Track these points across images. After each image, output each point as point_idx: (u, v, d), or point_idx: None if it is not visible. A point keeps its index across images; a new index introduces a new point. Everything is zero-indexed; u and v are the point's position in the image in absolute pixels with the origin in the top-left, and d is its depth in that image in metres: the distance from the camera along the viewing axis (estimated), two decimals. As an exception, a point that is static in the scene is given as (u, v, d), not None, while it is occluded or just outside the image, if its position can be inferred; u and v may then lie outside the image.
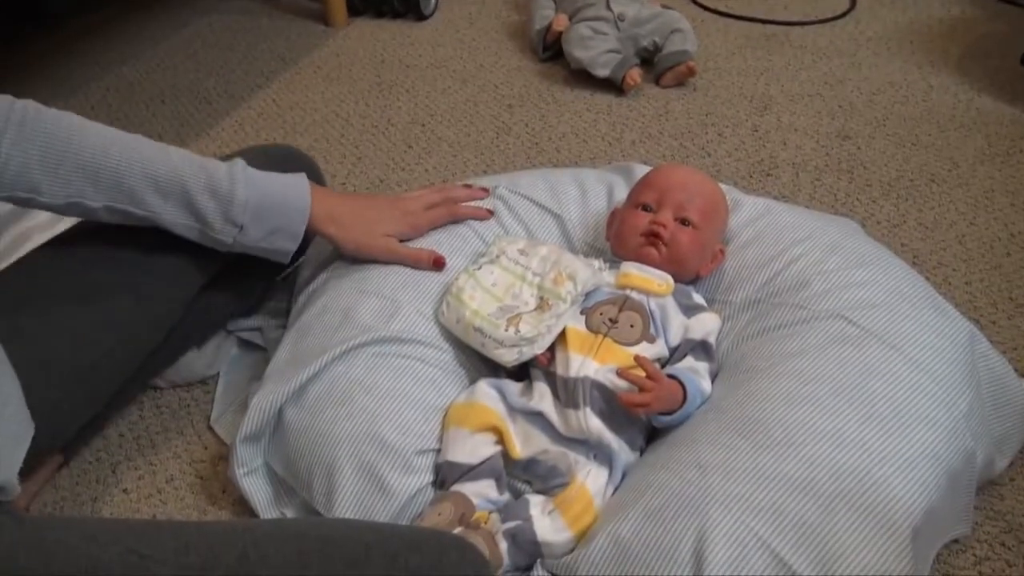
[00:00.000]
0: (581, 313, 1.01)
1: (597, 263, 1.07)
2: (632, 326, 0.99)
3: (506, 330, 1.00)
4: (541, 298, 1.02)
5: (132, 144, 0.93)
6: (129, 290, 0.97)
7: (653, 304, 1.02)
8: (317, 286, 1.15)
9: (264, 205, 0.97)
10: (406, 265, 1.10)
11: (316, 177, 1.17)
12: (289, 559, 0.65)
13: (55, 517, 1.00)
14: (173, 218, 0.95)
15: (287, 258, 1.04)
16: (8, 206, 1.45)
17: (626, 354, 0.97)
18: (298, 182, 1.01)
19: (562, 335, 1.00)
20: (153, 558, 0.65)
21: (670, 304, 1.02)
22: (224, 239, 0.97)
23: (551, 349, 1.00)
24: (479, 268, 1.08)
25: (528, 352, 0.99)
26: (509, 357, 1.00)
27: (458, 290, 1.06)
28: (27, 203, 0.91)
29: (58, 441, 1.00)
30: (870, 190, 1.54)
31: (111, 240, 0.99)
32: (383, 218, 1.09)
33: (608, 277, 1.04)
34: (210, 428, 1.14)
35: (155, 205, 0.93)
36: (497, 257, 1.08)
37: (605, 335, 0.98)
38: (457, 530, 0.85)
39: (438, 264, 1.08)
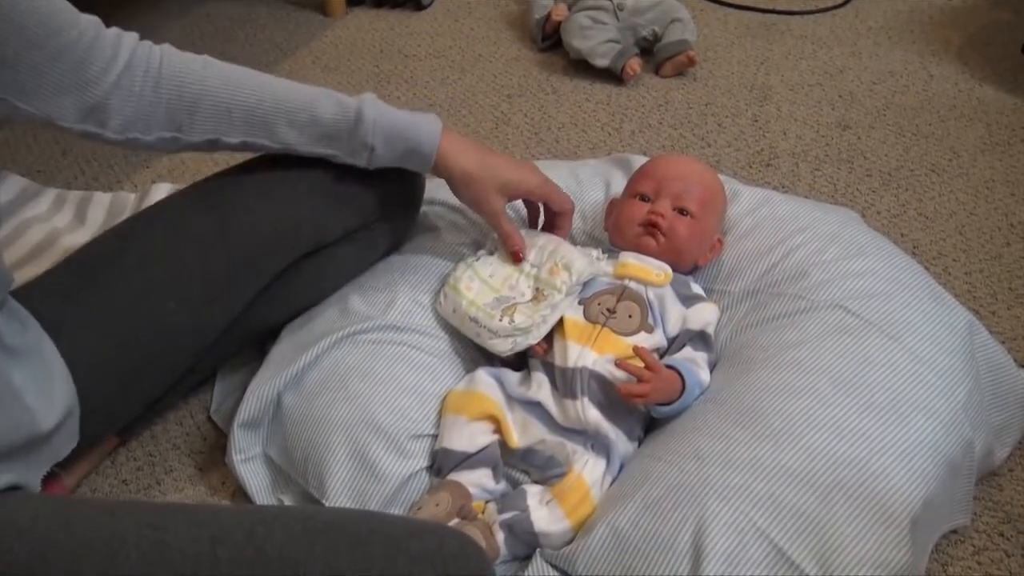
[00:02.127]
0: (579, 303, 1.01)
1: (595, 252, 1.06)
2: (630, 316, 0.99)
3: (501, 320, 1.00)
4: (537, 289, 1.02)
5: (261, 82, 0.96)
6: (179, 295, 0.96)
7: (651, 294, 1.01)
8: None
9: (394, 128, 0.98)
10: (499, 234, 1.06)
11: None
12: (294, 537, 0.67)
13: (74, 496, 1.03)
14: (308, 148, 0.98)
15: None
16: (9, 195, 1.46)
17: (624, 344, 0.97)
18: (429, 116, 1.02)
19: (560, 325, 1.00)
20: (167, 530, 0.68)
21: (668, 294, 1.02)
22: (359, 162, 1.00)
23: (548, 339, 1.00)
24: (477, 259, 1.08)
25: (522, 342, 0.99)
26: (503, 347, 1.00)
27: (455, 280, 1.06)
28: (173, 143, 0.94)
29: (98, 437, 1.02)
30: (870, 180, 1.54)
31: (168, 238, 0.98)
32: (502, 164, 1.05)
33: (606, 267, 1.04)
34: (209, 419, 1.14)
35: (289, 136, 0.96)
36: (496, 249, 1.08)
37: (603, 325, 0.98)
38: (454, 522, 0.85)
39: (517, 258, 1.05)
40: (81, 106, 0.86)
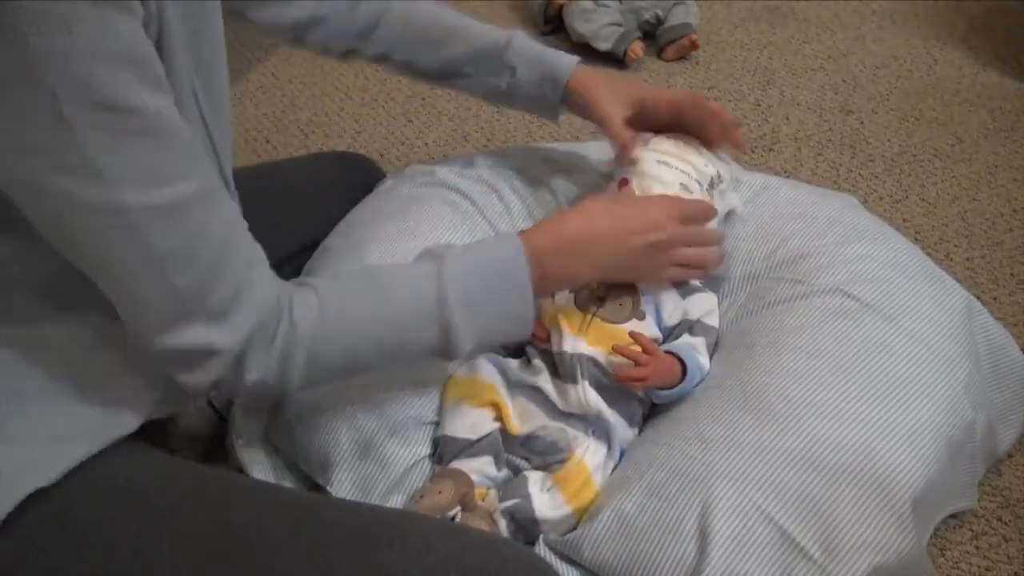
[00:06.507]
0: (571, 292, 1.00)
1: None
2: (620, 304, 0.98)
3: None
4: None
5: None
6: None
7: (644, 283, 1.01)
8: (319, 261, 1.15)
9: (535, 53, 1.09)
10: (610, 132, 1.07)
11: (376, 176, 1.29)
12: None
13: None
14: (459, 66, 1.11)
15: (554, 115, 1.13)
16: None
17: (615, 331, 0.96)
18: (567, 54, 1.11)
19: (557, 312, 0.99)
20: (278, 490, 0.84)
21: (664, 284, 1.01)
22: (500, 83, 1.09)
23: (546, 327, 0.99)
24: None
25: None
26: None
27: None
28: (349, 54, 1.12)
29: None
30: (872, 165, 1.53)
31: None
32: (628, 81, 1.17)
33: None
34: (210, 402, 1.14)
35: (444, 55, 1.10)
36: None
37: (594, 314, 0.97)
38: (457, 509, 0.85)
39: (626, 153, 1.05)
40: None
